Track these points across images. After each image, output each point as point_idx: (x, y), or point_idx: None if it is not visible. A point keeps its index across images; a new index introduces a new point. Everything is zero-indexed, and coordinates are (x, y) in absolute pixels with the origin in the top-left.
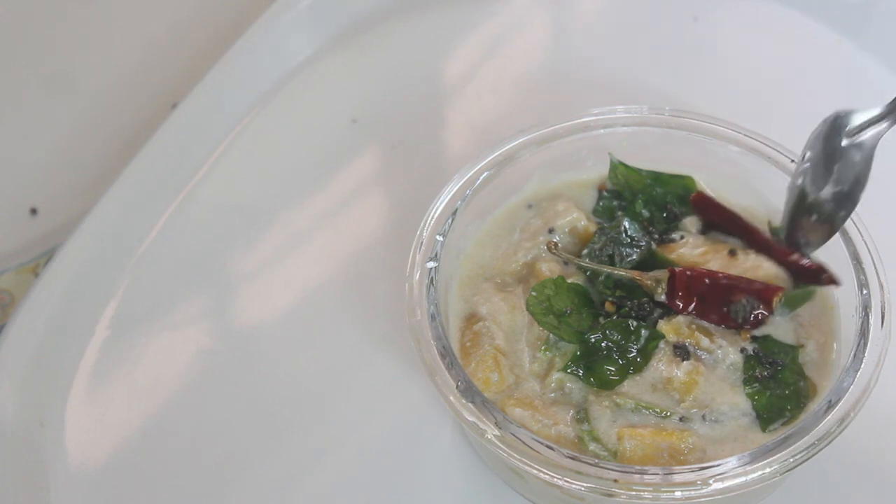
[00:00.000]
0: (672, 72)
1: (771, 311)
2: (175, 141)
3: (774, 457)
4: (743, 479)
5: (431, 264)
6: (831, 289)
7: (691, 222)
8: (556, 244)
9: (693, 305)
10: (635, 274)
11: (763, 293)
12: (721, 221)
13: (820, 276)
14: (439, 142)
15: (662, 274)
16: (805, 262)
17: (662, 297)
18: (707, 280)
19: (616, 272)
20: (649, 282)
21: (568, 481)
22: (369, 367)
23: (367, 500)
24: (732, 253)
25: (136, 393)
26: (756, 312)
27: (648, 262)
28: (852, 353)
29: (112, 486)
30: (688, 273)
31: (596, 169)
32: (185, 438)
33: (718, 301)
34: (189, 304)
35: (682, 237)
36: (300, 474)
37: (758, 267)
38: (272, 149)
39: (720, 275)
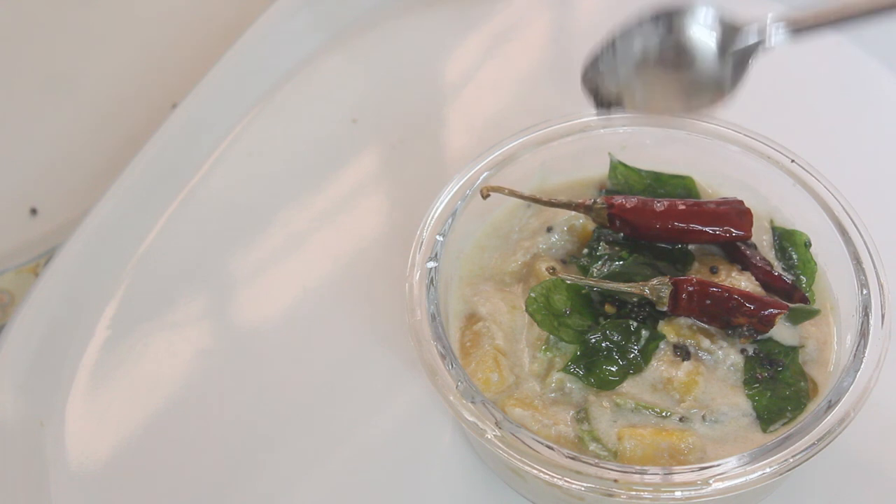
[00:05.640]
0: None
1: (770, 328)
2: (175, 141)
3: (774, 457)
4: (743, 479)
5: (431, 264)
6: (831, 289)
7: None
8: (554, 269)
9: (694, 316)
10: (637, 289)
11: (766, 317)
12: None
13: (793, 296)
14: (439, 142)
15: (664, 285)
16: (782, 281)
17: (664, 308)
18: (709, 300)
19: (619, 288)
20: (649, 293)
21: (568, 481)
22: (369, 367)
23: (367, 499)
24: (714, 270)
25: (136, 393)
26: (757, 336)
27: (645, 266)
28: (852, 353)
29: (112, 486)
30: (689, 288)
31: (596, 169)
32: (186, 438)
33: (720, 314)
34: (189, 304)
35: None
36: (300, 474)
37: (736, 286)
38: (272, 148)
39: (722, 288)
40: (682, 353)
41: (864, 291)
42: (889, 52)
